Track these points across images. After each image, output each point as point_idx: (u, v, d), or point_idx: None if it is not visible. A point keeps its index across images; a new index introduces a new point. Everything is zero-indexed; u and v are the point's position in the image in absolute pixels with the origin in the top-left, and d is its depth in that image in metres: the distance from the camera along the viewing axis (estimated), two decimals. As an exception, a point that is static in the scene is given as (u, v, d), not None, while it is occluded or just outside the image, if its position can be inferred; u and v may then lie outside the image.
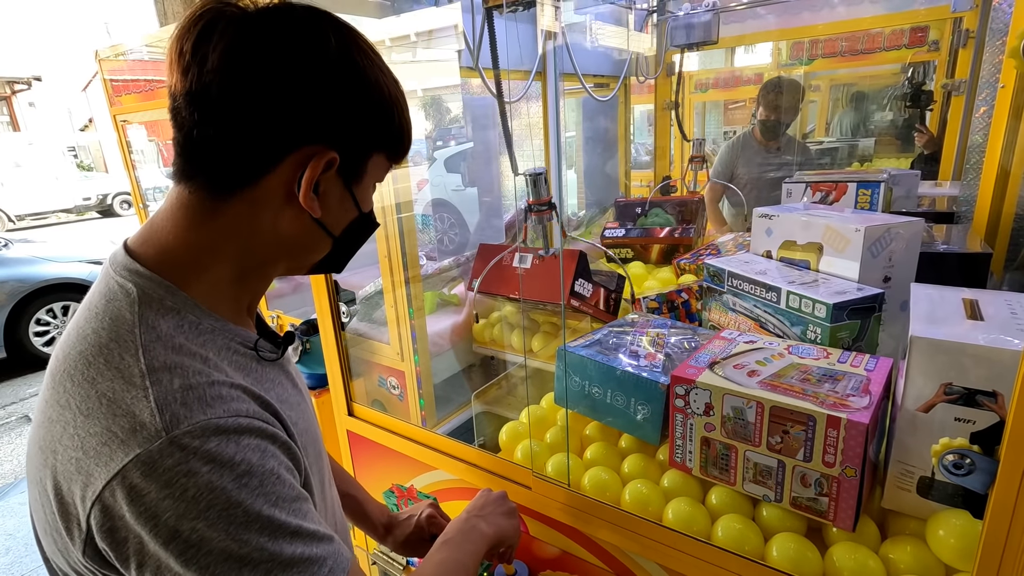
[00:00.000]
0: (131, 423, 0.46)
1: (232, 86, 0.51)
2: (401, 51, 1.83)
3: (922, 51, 3.03)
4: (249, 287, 0.61)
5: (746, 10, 2.28)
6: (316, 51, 0.53)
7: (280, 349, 0.64)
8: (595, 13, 2.21)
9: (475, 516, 0.83)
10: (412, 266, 1.58)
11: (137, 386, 0.47)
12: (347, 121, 0.55)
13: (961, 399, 0.71)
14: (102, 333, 0.50)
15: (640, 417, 1.00)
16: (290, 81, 0.52)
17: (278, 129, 0.53)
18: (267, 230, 0.57)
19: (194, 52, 0.50)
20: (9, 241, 5.09)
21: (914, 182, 1.57)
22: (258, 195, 0.55)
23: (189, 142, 0.53)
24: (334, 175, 0.57)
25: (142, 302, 0.52)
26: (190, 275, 0.55)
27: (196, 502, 0.45)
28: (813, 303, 0.97)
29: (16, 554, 2.56)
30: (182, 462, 0.45)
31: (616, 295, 1.53)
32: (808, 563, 0.78)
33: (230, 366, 0.55)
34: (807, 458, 0.78)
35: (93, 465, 0.46)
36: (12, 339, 4.48)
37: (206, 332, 0.54)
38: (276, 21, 0.52)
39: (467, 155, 5.33)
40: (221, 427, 0.48)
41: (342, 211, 0.60)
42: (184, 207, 0.55)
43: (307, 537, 0.50)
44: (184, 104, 0.52)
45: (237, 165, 0.54)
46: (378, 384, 1.74)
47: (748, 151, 2.61)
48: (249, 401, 0.53)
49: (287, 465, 0.53)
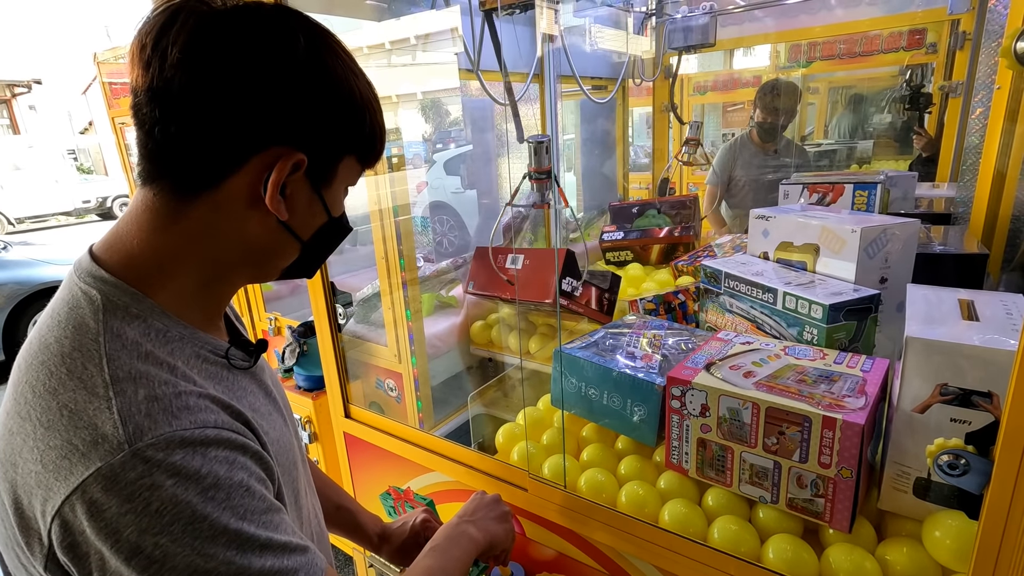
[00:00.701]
0: (93, 435, 0.44)
1: (194, 82, 0.49)
2: (400, 54, 1.84)
3: (920, 53, 3.03)
4: (216, 293, 0.59)
5: (744, 12, 2.28)
6: (283, 49, 0.51)
7: (252, 357, 0.63)
8: (594, 16, 2.22)
9: (466, 521, 0.82)
10: (410, 268, 1.58)
11: (100, 397, 0.46)
12: (316, 122, 0.54)
13: (957, 400, 0.71)
14: (65, 342, 0.49)
15: (636, 418, 1.00)
16: (255, 79, 0.50)
17: (243, 128, 0.51)
18: (233, 234, 0.55)
19: (155, 46, 0.49)
20: (8, 244, 5.09)
21: (911, 183, 1.57)
22: (223, 197, 0.53)
23: (152, 141, 0.51)
24: (302, 177, 0.55)
25: (106, 309, 0.50)
26: (156, 281, 0.54)
27: (159, 516, 0.43)
28: (809, 304, 0.97)
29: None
30: (145, 475, 0.44)
31: (611, 295, 1.53)
32: (804, 565, 0.78)
33: (200, 375, 0.53)
34: (803, 459, 0.78)
35: (53, 479, 0.44)
36: (11, 342, 4.47)
37: (174, 340, 0.53)
38: (242, 17, 0.51)
39: (466, 157, 5.33)
40: (187, 439, 0.46)
41: (310, 215, 0.59)
42: (149, 210, 0.53)
43: (277, 549, 0.49)
44: (145, 100, 0.50)
45: (201, 165, 0.52)
46: (376, 386, 1.74)
47: (746, 153, 2.61)
48: (218, 411, 0.51)
49: (258, 476, 0.51)
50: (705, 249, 1.78)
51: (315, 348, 1.82)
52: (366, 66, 0.59)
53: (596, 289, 1.50)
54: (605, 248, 1.99)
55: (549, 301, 1.46)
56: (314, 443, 1.86)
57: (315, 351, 1.82)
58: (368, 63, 1.58)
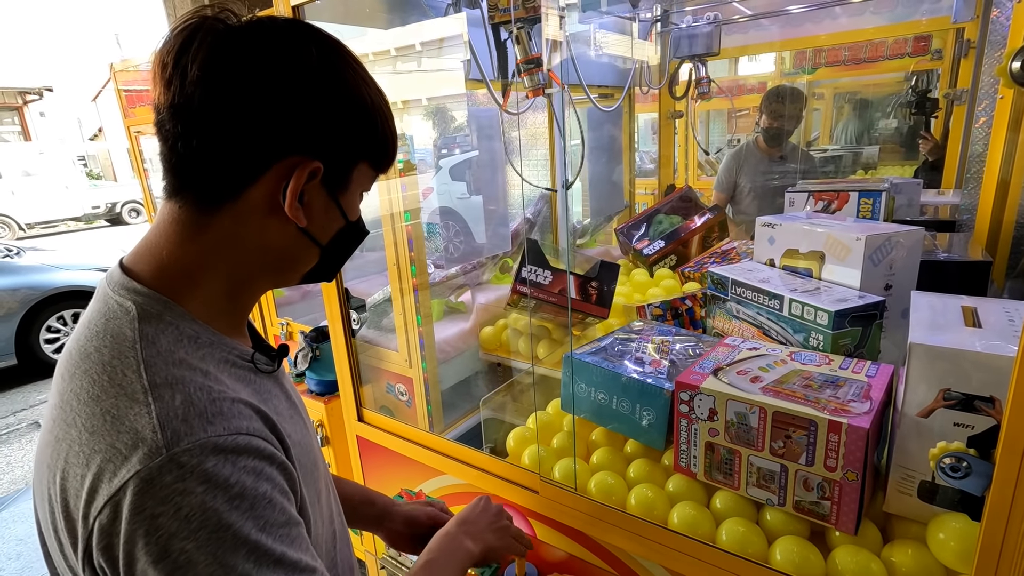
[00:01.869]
0: (134, 439, 0.47)
1: (213, 97, 0.51)
2: (407, 61, 1.87)
3: (925, 59, 3.05)
4: (242, 300, 0.62)
5: (749, 21, 2.31)
6: (297, 61, 0.54)
7: (275, 362, 0.65)
8: (599, 23, 2.25)
9: (463, 532, 0.83)
10: (420, 274, 1.61)
11: (140, 402, 0.48)
12: (330, 131, 0.56)
13: (960, 404, 0.73)
14: (104, 351, 0.51)
15: (645, 423, 1.02)
16: (271, 91, 0.53)
17: (260, 139, 0.54)
18: (255, 242, 0.58)
19: (176, 64, 0.51)
20: (21, 249, 5.16)
21: (916, 191, 1.59)
22: (245, 207, 0.56)
23: (175, 155, 0.54)
24: (318, 185, 0.57)
25: (141, 318, 0.53)
26: (185, 290, 0.56)
27: (188, 522, 0.45)
28: (815, 310, 0.99)
29: (27, 559, 2.59)
30: (179, 480, 0.46)
31: (600, 284, 1.49)
32: (811, 566, 0.79)
33: (230, 378, 0.56)
34: (809, 462, 0.79)
35: (96, 482, 0.47)
36: (23, 346, 4.53)
37: (204, 346, 0.55)
38: (257, 33, 0.53)
39: (472, 163, 5.36)
40: (219, 446, 0.48)
41: (328, 220, 0.61)
42: (175, 222, 0.56)
43: (289, 566, 0.50)
44: (168, 117, 0.53)
45: (222, 177, 0.54)
46: (386, 391, 1.77)
47: (751, 160, 2.63)
48: (251, 416, 0.53)
49: (281, 487, 0.53)
50: (711, 256, 1.80)
51: (327, 353, 1.85)
52: (373, 73, 0.62)
53: (578, 278, 1.48)
54: (652, 261, 1.93)
55: (553, 300, 1.48)
56: (326, 447, 1.89)
57: (327, 356, 1.85)
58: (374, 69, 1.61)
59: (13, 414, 4.11)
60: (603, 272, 1.52)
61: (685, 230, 1.96)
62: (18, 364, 4.56)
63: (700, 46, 2.23)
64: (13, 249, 5.09)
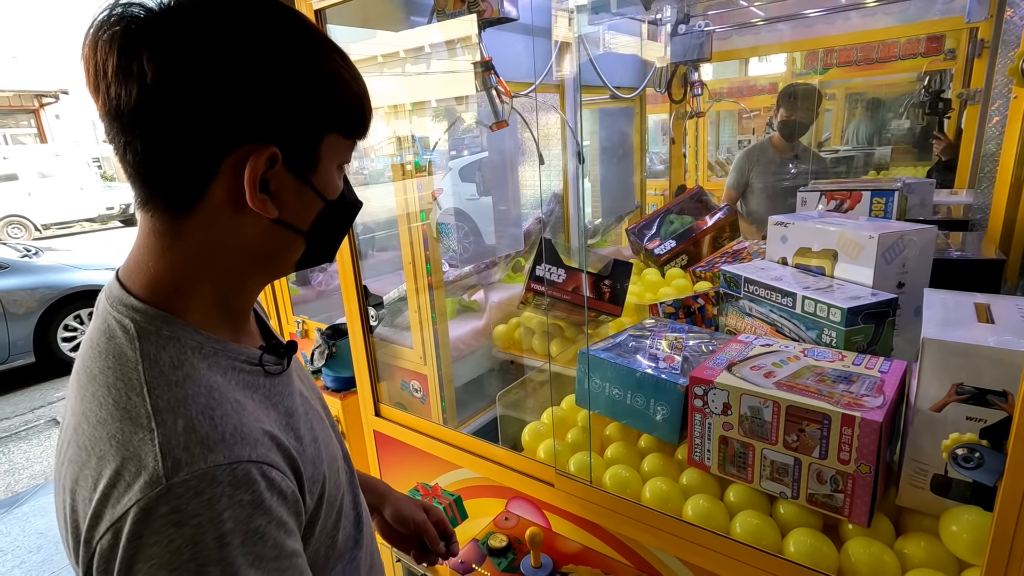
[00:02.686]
0: (137, 467, 0.47)
1: (140, 97, 0.47)
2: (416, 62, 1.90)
3: (938, 59, 3.04)
4: (237, 301, 0.60)
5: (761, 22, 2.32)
6: (224, 43, 0.49)
7: (284, 360, 0.63)
8: (608, 24, 2.27)
9: None
10: (436, 272, 1.64)
11: (144, 427, 0.48)
12: (277, 110, 0.51)
13: (972, 399, 0.74)
14: (108, 372, 0.51)
15: (659, 417, 1.03)
16: (198, 81, 0.48)
17: (201, 135, 0.49)
18: (232, 241, 0.55)
19: (96, 70, 0.48)
20: (39, 250, 5.26)
21: (929, 190, 1.59)
22: (211, 207, 0.52)
23: (127, 164, 0.51)
24: (283, 170, 0.53)
25: (140, 336, 0.51)
26: (179, 301, 0.54)
27: (179, 553, 0.45)
28: (828, 308, 1.00)
29: (47, 552, 2.64)
30: (174, 511, 0.46)
31: (614, 282, 1.51)
32: (824, 557, 0.81)
33: (238, 386, 0.55)
34: (823, 456, 0.81)
35: (102, 507, 0.47)
36: (41, 344, 4.61)
37: (210, 355, 0.54)
38: (169, 17, 0.48)
39: (481, 164, 5.39)
40: (216, 479, 0.47)
41: (302, 204, 0.57)
42: (152, 233, 0.54)
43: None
44: (108, 125, 0.50)
45: (177, 180, 0.51)
46: (401, 387, 1.79)
47: (764, 159, 2.64)
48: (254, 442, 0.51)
49: (278, 519, 0.51)
50: (723, 255, 1.81)
51: (343, 350, 1.88)
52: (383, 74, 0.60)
53: (591, 277, 1.49)
54: (664, 260, 1.95)
55: (567, 298, 1.50)
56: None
57: (343, 353, 1.88)
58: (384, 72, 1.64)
59: (32, 411, 4.18)
60: (616, 270, 1.54)
61: (696, 230, 1.97)
62: (36, 362, 4.64)
63: (693, 52, 2.25)
64: (32, 249, 5.18)
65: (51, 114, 16.22)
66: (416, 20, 1.73)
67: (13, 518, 2.92)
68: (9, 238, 11.15)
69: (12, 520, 2.90)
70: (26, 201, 11.80)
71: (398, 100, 1.66)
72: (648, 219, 2.18)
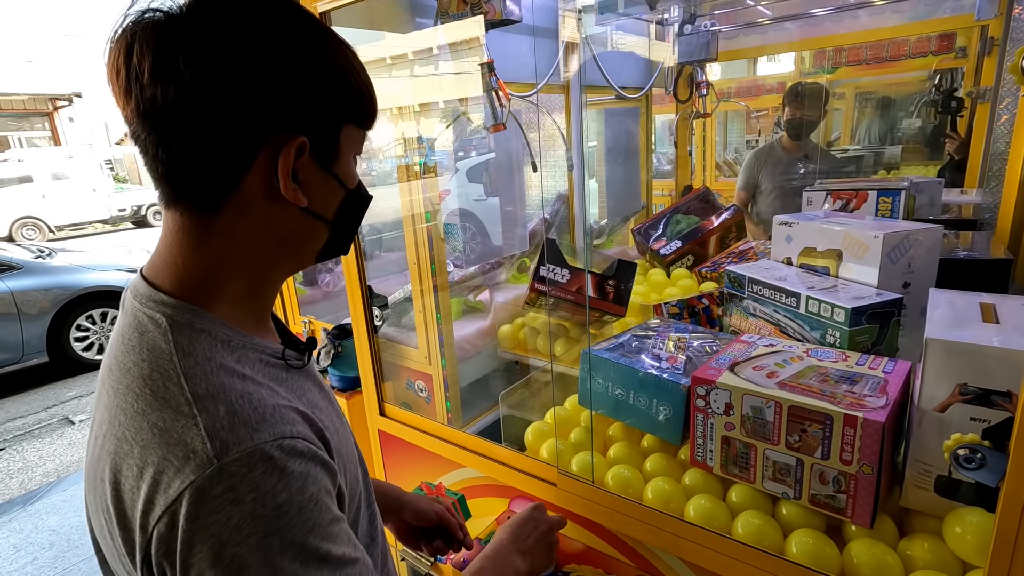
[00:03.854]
0: (185, 451, 0.48)
1: (178, 96, 0.49)
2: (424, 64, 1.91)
3: (949, 57, 3.01)
4: (264, 294, 0.62)
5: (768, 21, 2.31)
6: (251, 39, 0.51)
7: (305, 355, 0.65)
8: (615, 24, 2.27)
9: (515, 550, 0.84)
10: (440, 273, 1.64)
11: (185, 415, 0.49)
12: (302, 101, 0.54)
13: (976, 399, 0.73)
14: (143, 365, 0.52)
15: (662, 417, 1.03)
16: (233, 76, 0.50)
17: (238, 127, 0.52)
18: (264, 232, 0.57)
19: (127, 72, 0.49)
20: (52, 251, 5.33)
21: (937, 190, 1.58)
22: (244, 200, 0.54)
23: (159, 163, 0.52)
24: (309, 159, 0.56)
25: (173, 329, 0.53)
26: (209, 295, 0.56)
27: (239, 529, 0.47)
28: (832, 308, 0.99)
29: (59, 549, 2.68)
30: (229, 490, 0.47)
31: (618, 282, 1.51)
32: (826, 558, 0.80)
33: (266, 379, 0.56)
34: (825, 456, 0.80)
35: (153, 493, 0.48)
36: (54, 344, 4.68)
37: (238, 348, 0.56)
38: (199, 16, 0.50)
39: (488, 165, 5.40)
40: (266, 453, 0.49)
41: (327, 193, 0.59)
42: (181, 230, 0.55)
43: (334, 563, 0.52)
44: (140, 126, 0.51)
45: (212, 175, 0.53)
46: (406, 387, 1.80)
47: (773, 159, 2.63)
48: (293, 420, 0.54)
49: (325, 487, 0.53)
50: (728, 255, 1.81)
51: (349, 350, 1.89)
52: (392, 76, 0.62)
53: (595, 277, 1.49)
54: (670, 261, 1.94)
55: (571, 299, 1.50)
56: (346, 442, 1.93)
57: (349, 353, 1.89)
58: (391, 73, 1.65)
59: (45, 410, 4.24)
60: (620, 270, 1.54)
61: (702, 230, 1.97)
62: (50, 361, 4.71)
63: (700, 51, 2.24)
64: (45, 250, 5.26)
65: (64, 117, 16.44)
66: (422, 22, 1.74)
67: (27, 515, 2.96)
68: (24, 239, 11.32)
69: (26, 517, 2.95)
70: (40, 203, 11.96)
71: (405, 102, 1.68)
72: (654, 219, 2.17)
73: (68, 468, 3.42)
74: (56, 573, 2.52)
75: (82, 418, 4.06)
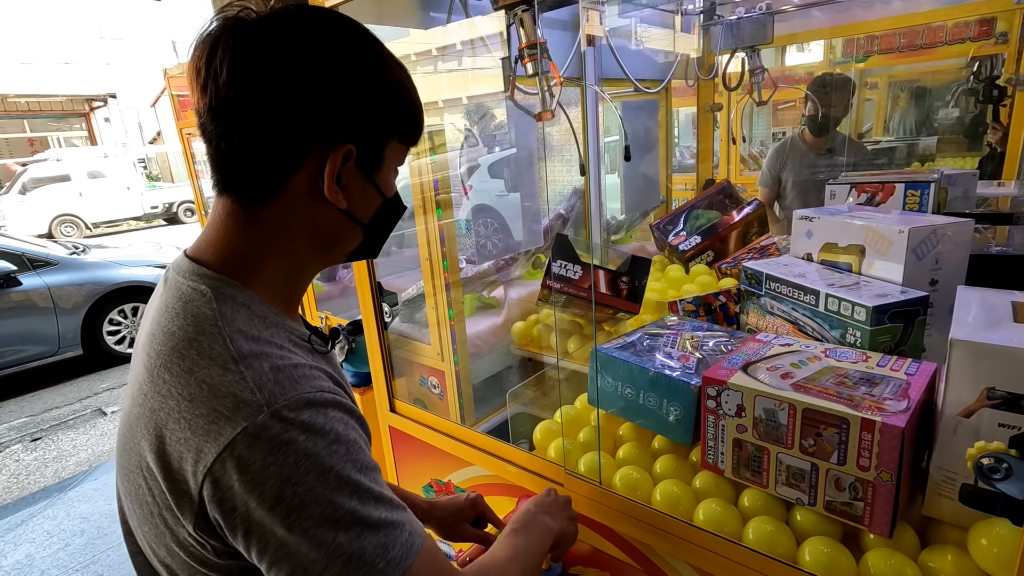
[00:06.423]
0: (234, 402, 0.52)
1: (244, 96, 0.55)
2: (447, 60, 1.89)
3: (989, 44, 2.87)
4: (297, 282, 0.66)
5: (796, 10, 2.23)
6: (318, 50, 0.57)
7: (328, 343, 0.69)
8: (639, 17, 2.22)
9: (542, 512, 0.86)
10: (453, 270, 1.63)
11: (232, 371, 0.53)
12: (357, 113, 0.59)
13: (1005, 404, 0.69)
14: (188, 328, 0.56)
15: (672, 418, 1.00)
16: (298, 83, 0.56)
17: (295, 130, 0.57)
18: (304, 227, 0.62)
19: (207, 69, 0.55)
20: (87, 247, 5.50)
21: (971, 182, 1.50)
22: (289, 196, 0.59)
23: (220, 155, 0.58)
24: (353, 167, 0.61)
25: (217, 299, 0.57)
26: (249, 275, 0.61)
27: (296, 467, 0.50)
28: (853, 306, 0.95)
29: (90, 536, 2.77)
30: (282, 432, 0.50)
31: (631, 279, 1.47)
32: (842, 568, 0.77)
33: (297, 351, 0.60)
34: (841, 461, 0.77)
35: (203, 441, 0.51)
36: (88, 337, 4.83)
37: (272, 325, 0.60)
38: (276, 26, 0.56)
39: (510, 161, 5.38)
40: (312, 400, 0.54)
41: (366, 199, 0.64)
42: (230, 215, 0.60)
43: (387, 503, 0.55)
44: (208, 120, 0.57)
45: (265, 170, 0.58)
46: (419, 383, 1.80)
47: (796, 153, 2.54)
48: (327, 379, 0.59)
49: (364, 438, 0.58)
50: (749, 251, 1.75)
51: (363, 346, 1.90)
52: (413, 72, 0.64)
53: (607, 273, 1.47)
54: (689, 256, 1.87)
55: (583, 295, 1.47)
56: (361, 437, 1.94)
57: (363, 349, 1.90)
58: (415, 70, 1.64)
59: (79, 400, 4.39)
60: (634, 267, 1.50)
61: (723, 225, 1.91)
62: (84, 354, 4.86)
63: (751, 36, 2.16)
64: (79, 246, 5.43)
65: (100, 117, 16.95)
66: (435, 16, 1.73)
67: (60, 503, 3.07)
68: (62, 236, 11.72)
69: (59, 505, 3.05)
70: (77, 201, 12.37)
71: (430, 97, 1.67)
72: (673, 214, 2.13)
73: (100, 458, 3.53)
74: (86, 559, 2.60)
75: (114, 409, 4.18)
